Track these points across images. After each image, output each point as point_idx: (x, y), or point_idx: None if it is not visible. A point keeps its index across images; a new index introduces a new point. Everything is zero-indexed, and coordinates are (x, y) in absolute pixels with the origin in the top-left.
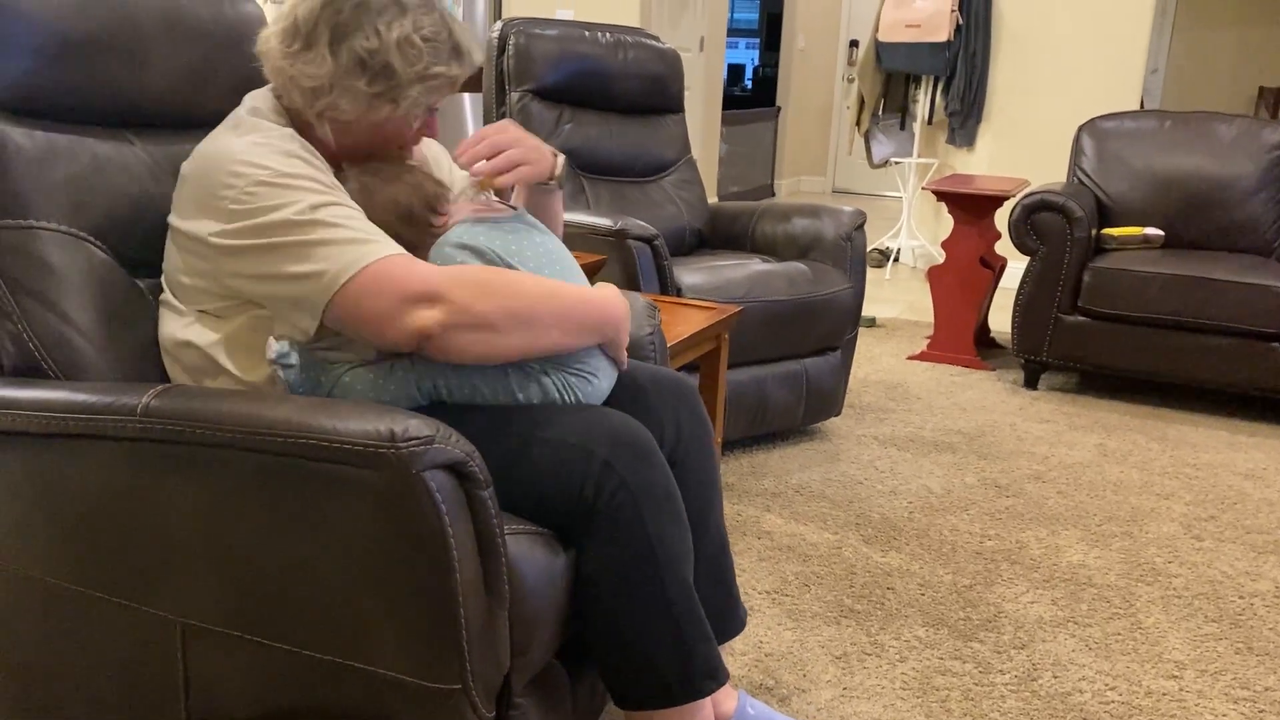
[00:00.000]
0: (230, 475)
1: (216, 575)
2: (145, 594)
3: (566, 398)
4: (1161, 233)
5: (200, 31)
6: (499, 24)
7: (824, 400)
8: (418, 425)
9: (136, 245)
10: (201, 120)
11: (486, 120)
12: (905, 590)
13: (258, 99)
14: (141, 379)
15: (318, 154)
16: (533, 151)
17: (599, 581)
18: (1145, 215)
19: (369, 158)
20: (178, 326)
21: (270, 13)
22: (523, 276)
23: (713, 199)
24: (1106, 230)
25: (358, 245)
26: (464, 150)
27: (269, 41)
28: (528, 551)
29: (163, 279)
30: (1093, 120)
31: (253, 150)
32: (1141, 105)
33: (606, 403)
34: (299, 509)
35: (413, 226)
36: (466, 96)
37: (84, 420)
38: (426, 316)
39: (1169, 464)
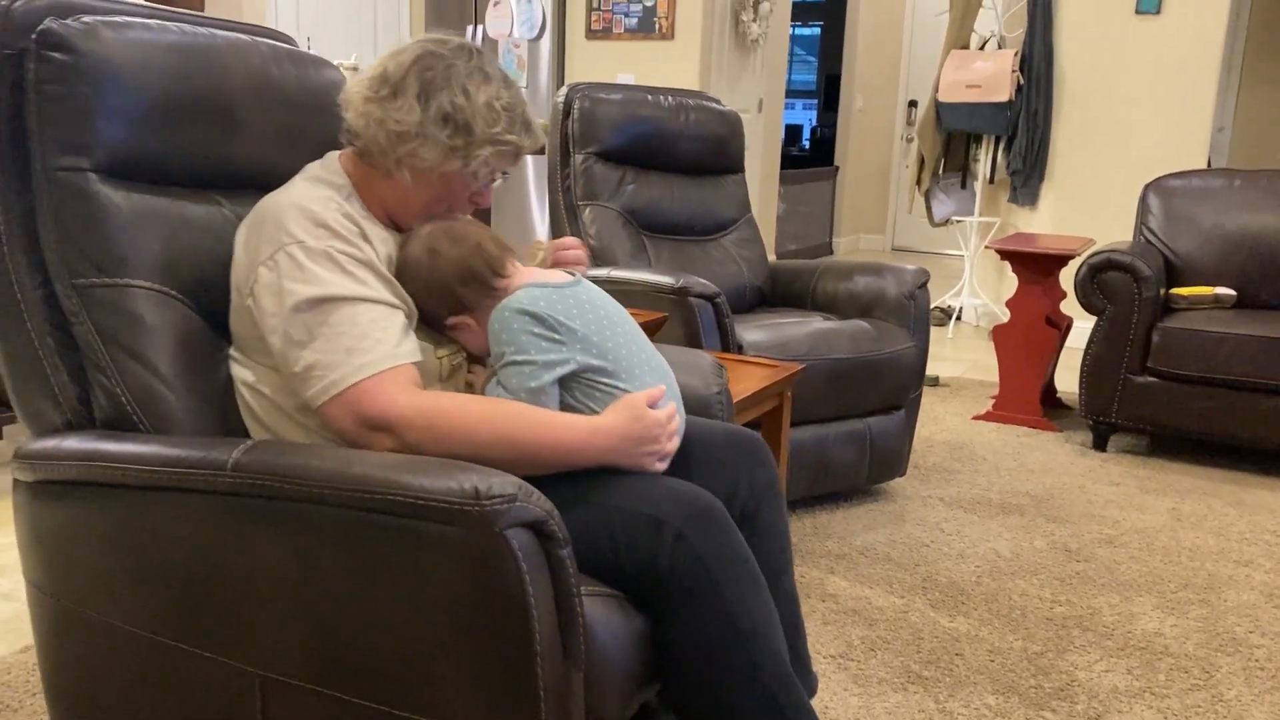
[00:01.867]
0: (316, 530)
1: (298, 629)
2: (227, 646)
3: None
4: (1233, 292)
5: (286, 97)
6: (564, 89)
7: (888, 460)
8: (501, 483)
9: (220, 302)
10: (285, 181)
11: (551, 182)
12: (974, 656)
13: (320, 163)
14: (224, 431)
15: (360, 219)
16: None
17: (684, 655)
18: (1215, 275)
19: (425, 217)
20: (246, 379)
21: (351, 79)
22: (490, 413)
23: (771, 257)
24: (1175, 290)
25: (336, 366)
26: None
27: (356, 89)
28: (603, 614)
29: (231, 330)
30: (1159, 179)
31: (288, 214)
32: (1209, 164)
33: (676, 460)
34: (382, 564)
35: (473, 288)
36: (530, 159)
37: (175, 474)
38: (382, 443)
39: (1247, 529)
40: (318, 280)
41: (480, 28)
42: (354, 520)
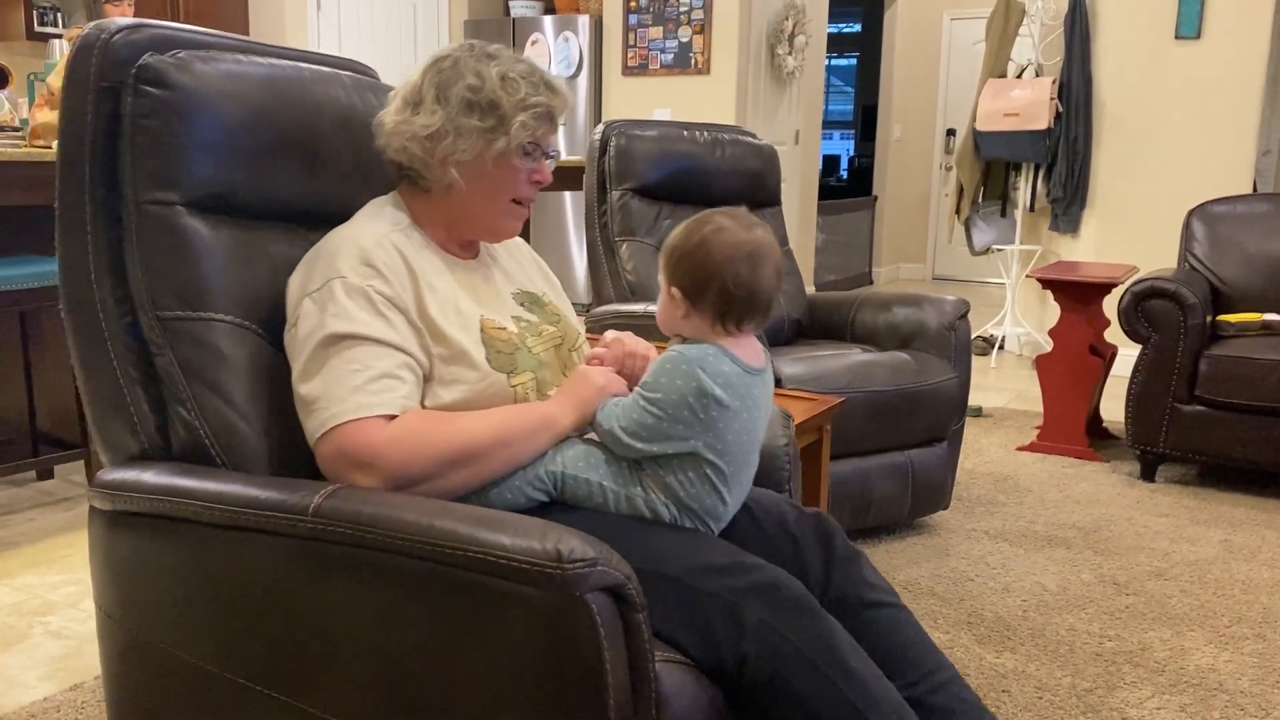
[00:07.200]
0: (394, 580)
1: (370, 677)
2: (295, 689)
3: (683, 523)
4: None
5: (367, 130)
6: (600, 126)
7: (931, 493)
8: (582, 546)
9: None
10: None
11: (588, 218)
12: (1021, 693)
13: (386, 197)
14: (299, 466)
15: (414, 253)
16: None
17: None
18: (1264, 301)
19: (491, 221)
20: None
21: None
22: (458, 425)
23: (810, 288)
24: (1222, 317)
25: (340, 401)
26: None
27: (384, 120)
28: (677, 681)
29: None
30: (1203, 204)
31: (342, 250)
32: (1254, 188)
33: (753, 542)
34: (458, 619)
35: (714, 298)
36: (568, 195)
37: (256, 515)
38: (363, 481)
39: None
40: (348, 317)
41: None
42: (433, 573)
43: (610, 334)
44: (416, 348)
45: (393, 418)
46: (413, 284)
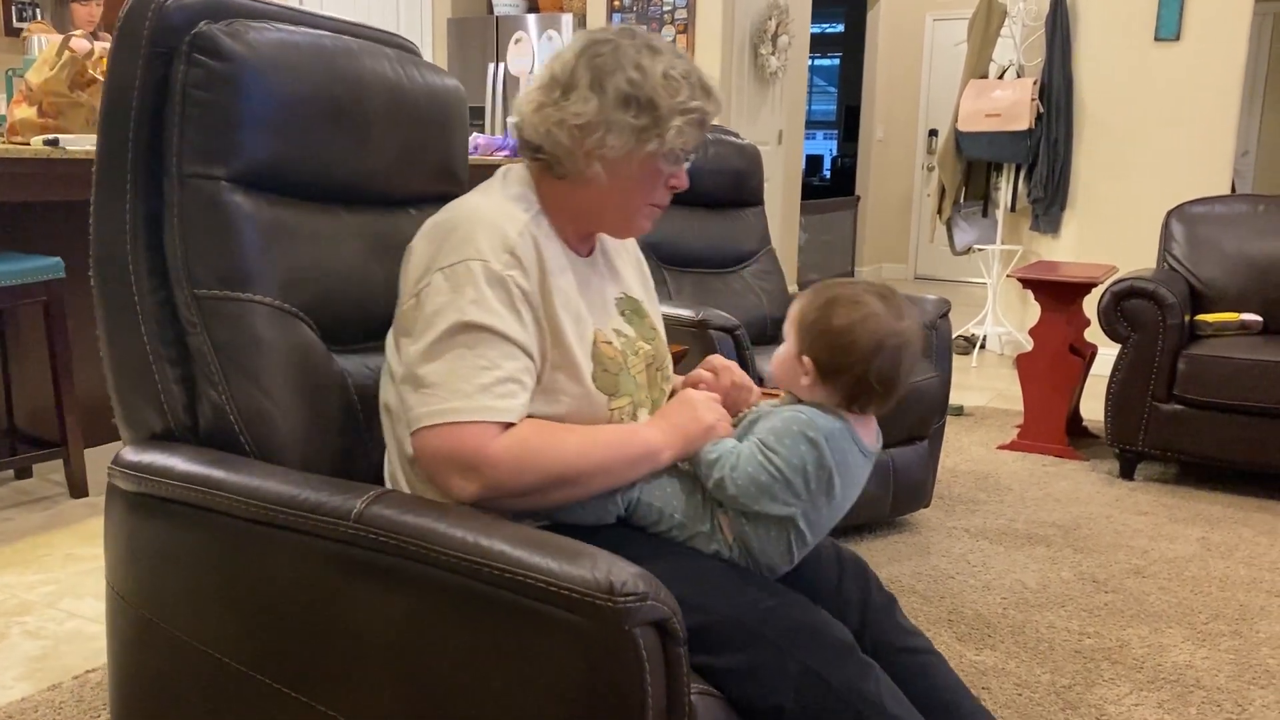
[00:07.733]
0: (434, 594)
1: (397, 687)
2: (316, 690)
3: (745, 563)
4: (1259, 318)
5: (416, 111)
6: None
7: (912, 491)
8: (634, 579)
9: (338, 321)
10: (404, 199)
11: None
12: (1001, 690)
13: (517, 173)
14: (330, 459)
15: (545, 242)
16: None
17: None
18: (1241, 301)
19: (625, 220)
20: (391, 396)
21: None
22: (568, 441)
23: (793, 287)
24: (1201, 317)
25: (463, 396)
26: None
27: (526, 102)
28: (709, 712)
29: (390, 338)
30: (1182, 205)
31: (482, 229)
32: (1233, 189)
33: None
34: (496, 639)
35: (852, 380)
36: None
37: (293, 515)
38: (461, 488)
39: (1278, 559)
40: (487, 307)
41: (502, 65)
42: (476, 592)
43: (718, 360)
44: (537, 349)
45: (508, 426)
46: (541, 279)
